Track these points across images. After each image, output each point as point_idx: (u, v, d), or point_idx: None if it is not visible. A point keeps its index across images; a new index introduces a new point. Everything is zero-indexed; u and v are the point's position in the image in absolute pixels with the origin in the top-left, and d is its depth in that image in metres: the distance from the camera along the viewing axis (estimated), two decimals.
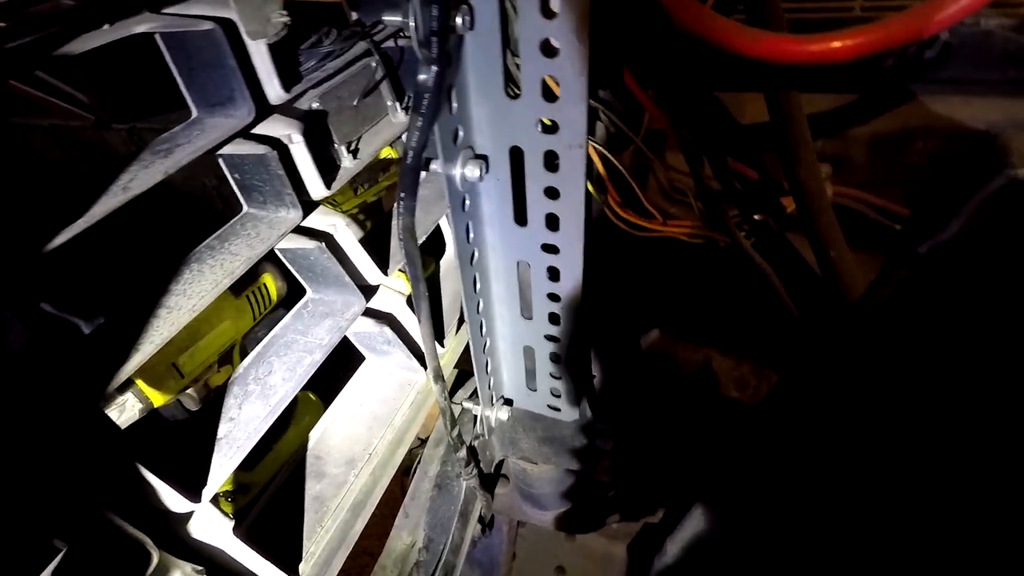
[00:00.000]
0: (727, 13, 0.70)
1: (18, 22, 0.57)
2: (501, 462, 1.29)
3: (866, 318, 0.83)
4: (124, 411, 0.94)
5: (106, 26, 0.64)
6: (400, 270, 0.96)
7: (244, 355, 1.18)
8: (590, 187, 0.98)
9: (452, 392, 1.22)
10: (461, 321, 1.10)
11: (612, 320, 1.19)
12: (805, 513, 0.90)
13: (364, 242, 0.91)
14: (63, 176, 2.39)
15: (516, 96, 0.65)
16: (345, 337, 0.93)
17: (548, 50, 0.60)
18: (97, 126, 2.14)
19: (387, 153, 1.29)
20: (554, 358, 0.95)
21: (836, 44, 0.63)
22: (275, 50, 0.73)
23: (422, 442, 1.30)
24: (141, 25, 0.65)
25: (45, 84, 2.05)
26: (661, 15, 0.66)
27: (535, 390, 1.03)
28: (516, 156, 0.71)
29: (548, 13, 0.57)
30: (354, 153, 0.88)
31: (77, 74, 2.01)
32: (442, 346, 1.08)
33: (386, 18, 0.55)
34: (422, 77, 0.53)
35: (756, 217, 1.08)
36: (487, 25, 0.59)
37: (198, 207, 2.10)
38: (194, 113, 0.75)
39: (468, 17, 0.57)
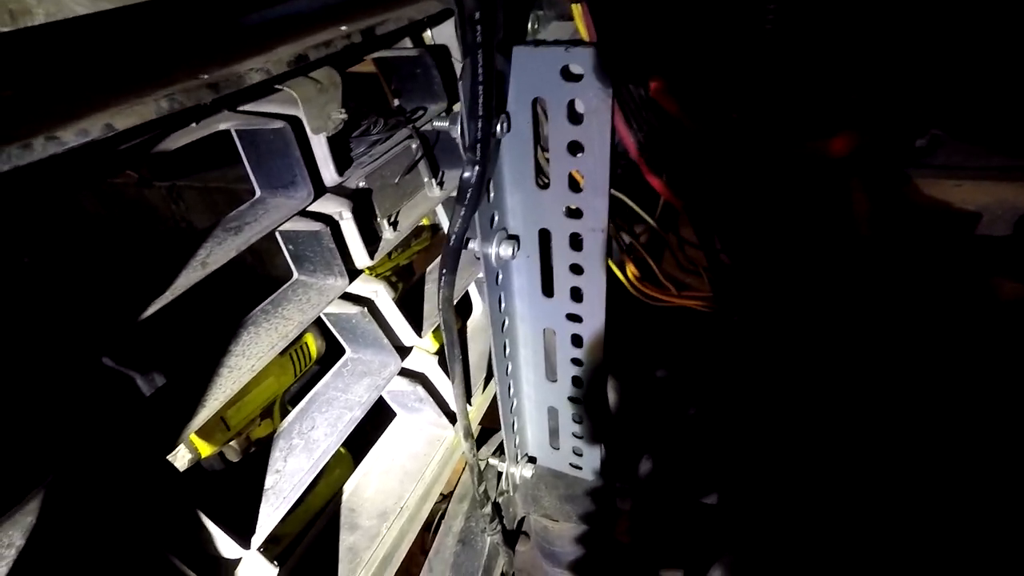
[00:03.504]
0: None
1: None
2: (522, 520, 1.32)
3: None
4: (176, 461, 1.00)
5: (193, 124, 0.74)
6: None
7: (282, 410, 1.24)
8: (610, 263, 1.06)
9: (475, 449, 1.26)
10: (487, 380, 1.16)
11: (633, 382, 1.24)
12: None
13: (397, 303, 0.98)
14: (104, 230, 2.51)
15: (545, 186, 0.74)
16: None
17: (574, 148, 0.69)
18: (140, 184, 2.27)
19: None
20: (576, 418, 1.00)
21: None
22: (332, 141, 0.83)
23: (444, 498, 1.33)
24: (223, 123, 0.76)
25: None
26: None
27: (558, 448, 1.08)
28: (544, 237, 0.79)
29: (575, 119, 0.66)
30: (394, 225, 0.96)
31: None
32: (470, 404, 1.13)
33: (436, 124, 0.64)
34: (466, 175, 0.62)
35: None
36: (522, 129, 0.68)
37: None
38: (257, 192, 0.84)
39: (506, 124, 0.66)
